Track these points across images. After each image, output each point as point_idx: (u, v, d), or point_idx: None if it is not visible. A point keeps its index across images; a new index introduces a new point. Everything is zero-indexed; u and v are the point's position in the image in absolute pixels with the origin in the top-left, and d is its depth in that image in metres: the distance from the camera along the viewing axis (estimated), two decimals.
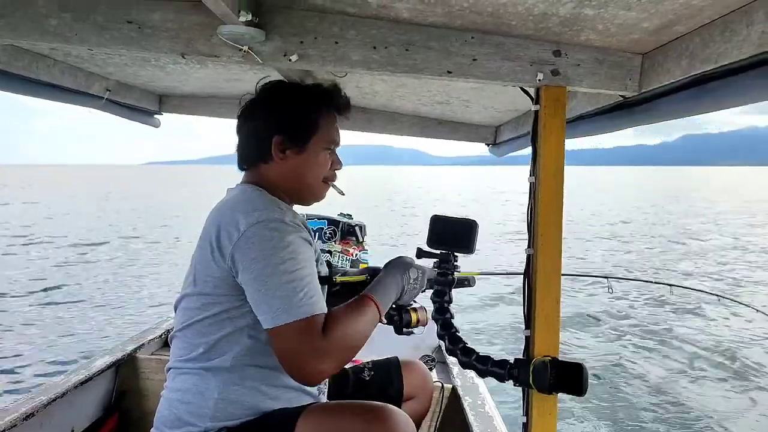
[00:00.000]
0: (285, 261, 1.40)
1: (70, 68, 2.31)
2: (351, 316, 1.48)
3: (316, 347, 1.37)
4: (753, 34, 1.16)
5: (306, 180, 1.65)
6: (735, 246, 18.44)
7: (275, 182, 1.63)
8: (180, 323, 1.58)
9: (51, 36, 1.55)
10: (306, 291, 1.39)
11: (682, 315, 9.43)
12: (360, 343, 1.48)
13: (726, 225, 24.47)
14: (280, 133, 1.61)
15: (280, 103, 1.64)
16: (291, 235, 1.44)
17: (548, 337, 1.57)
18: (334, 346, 1.39)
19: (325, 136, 1.64)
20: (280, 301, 1.37)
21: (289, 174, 1.63)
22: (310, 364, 1.38)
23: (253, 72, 2.26)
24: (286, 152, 1.61)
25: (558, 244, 1.57)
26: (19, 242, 17.67)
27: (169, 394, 1.58)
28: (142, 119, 3.11)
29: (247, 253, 1.41)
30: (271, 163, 1.62)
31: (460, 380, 2.68)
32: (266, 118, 1.64)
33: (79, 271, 12.91)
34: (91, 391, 2.48)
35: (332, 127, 1.67)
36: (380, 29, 1.53)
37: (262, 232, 1.42)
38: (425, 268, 1.73)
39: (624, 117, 1.83)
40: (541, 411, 1.57)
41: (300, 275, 1.40)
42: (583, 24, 1.42)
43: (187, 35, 1.53)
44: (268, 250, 1.40)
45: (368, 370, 1.99)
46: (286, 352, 1.40)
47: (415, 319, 1.71)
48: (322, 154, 1.64)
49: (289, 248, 1.42)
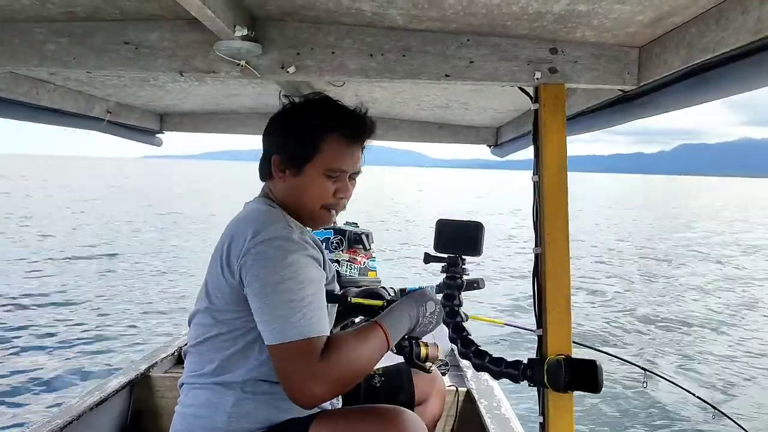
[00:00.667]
0: (285, 280, 1.39)
1: (70, 92, 2.32)
2: (355, 342, 1.44)
3: (313, 369, 1.34)
4: (749, 21, 1.16)
5: (302, 202, 1.60)
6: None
7: (280, 199, 1.62)
8: (193, 338, 1.58)
9: (50, 61, 1.56)
10: (304, 312, 1.37)
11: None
12: (362, 371, 1.45)
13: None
14: (278, 153, 1.59)
15: (283, 123, 1.63)
16: (295, 254, 1.43)
17: (561, 336, 1.56)
18: (331, 371, 1.35)
19: (327, 162, 1.56)
20: (277, 320, 1.36)
21: (287, 194, 1.61)
22: (304, 387, 1.34)
23: (252, 86, 2.27)
24: (286, 172, 1.59)
25: (565, 241, 1.57)
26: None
27: (182, 409, 1.58)
28: (144, 139, 3.12)
29: (251, 269, 1.41)
30: (275, 180, 1.62)
31: (475, 383, 2.66)
32: (271, 135, 1.64)
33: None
34: (107, 412, 2.48)
35: (339, 154, 1.57)
36: (376, 36, 1.54)
37: (266, 250, 1.41)
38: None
39: (624, 111, 1.83)
40: (558, 410, 1.56)
41: (300, 295, 1.38)
42: (578, 20, 1.42)
43: (185, 53, 1.54)
44: (270, 269, 1.40)
45: (378, 376, 1.99)
46: (283, 371, 1.38)
47: (424, 353, 1.68)
48: (320, 179, 1.56)
49: (291, 267, 1.40)
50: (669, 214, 35.71)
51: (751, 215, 40.21)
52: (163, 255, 15.08)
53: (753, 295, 12.78)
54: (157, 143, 3.24)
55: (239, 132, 3.07)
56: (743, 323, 10.17)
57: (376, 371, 2.00)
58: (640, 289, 12.88)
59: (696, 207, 48.01)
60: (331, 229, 3.34)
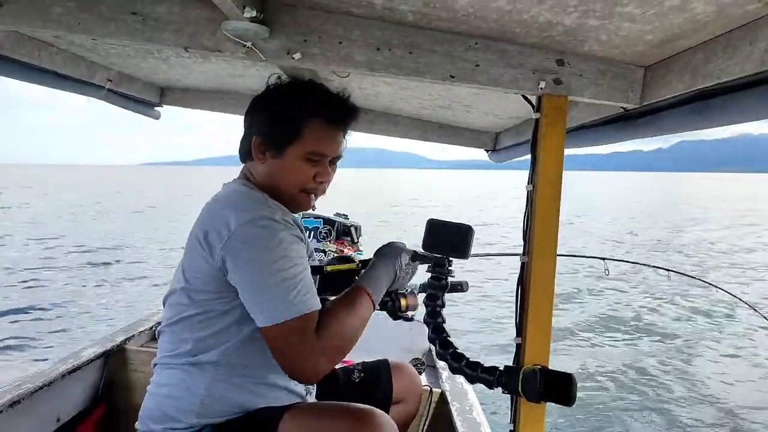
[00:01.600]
0: (277, 260, 1.39)
1: (73, 57, 2.30)
2: (345, 310, 1.47)
3: (312, 345, 1.37)
4: (756, 52, 1.16)
5: (282, 186, 1.60)
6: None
7: (260, 181, 1.62)
8: (168, 318, 1.57)
9: (55, 24, 1.55)
10: (299, 289, 1.39)
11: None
12: (356, 337, 1.48)
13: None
14: (259, 135, 1.59)
15: (265, 104, 1.63)
16: (282, 232, 1.43)
17: (539, 346, 1.57)
18: (329, 343, 1.39)
19: (307, 146, 1.56)
20: (273, 301, 1.37)
21: (268, 176, 1.61)
22: (307, 363, 1.37)
23: (256, 69, 2.26)
24: (266, 154, 1.59)
25: (553, 253, 1.57)
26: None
27: (155, 389, 1.57)
28: (143, 110, 3.10)
29: (239, 252, 1.40)
30: (255, 162, 1.62)
31: (449, 385, 2.67)
32: (252, 116, 1.64)
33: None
34: (79, 381, 2.47)
35: (320, 138, 1.58)
36: (385, 31, 1.53)
37: (252, 231, 1.41)
38: (416, 251, 1.72)
39: (624, 129, 1.83)
40: (529, 419, 1.56)
41: (292, 273, 1.40)
42: (587, 34, 1.42)
43: (192, 29, 1.53)
44: (260, 250, 1.40)
45: (358, 371, 1.99)
46: (281, 351, 1.39)
47: (404, 304, 1.72)
48: (300, 163, 1.57)
49: (281, 246, 1.41)
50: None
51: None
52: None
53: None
54: (155, 116, 3.22)
55: (239, 112, 3.04)
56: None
57: (356, 366, 2.01)
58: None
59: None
60: (321, 219, 3.35)
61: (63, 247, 16.82)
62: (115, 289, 11.78)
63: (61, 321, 9.21)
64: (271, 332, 1.38)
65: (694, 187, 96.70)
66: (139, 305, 9.69)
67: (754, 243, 21.43)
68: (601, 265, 2.73)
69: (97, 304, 10.36)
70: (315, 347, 1.37)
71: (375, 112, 2.96)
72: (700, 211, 33.38)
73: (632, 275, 13.20)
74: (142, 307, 9.22)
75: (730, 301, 9.77)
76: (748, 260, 16.76)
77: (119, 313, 9.30)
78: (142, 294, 11.11)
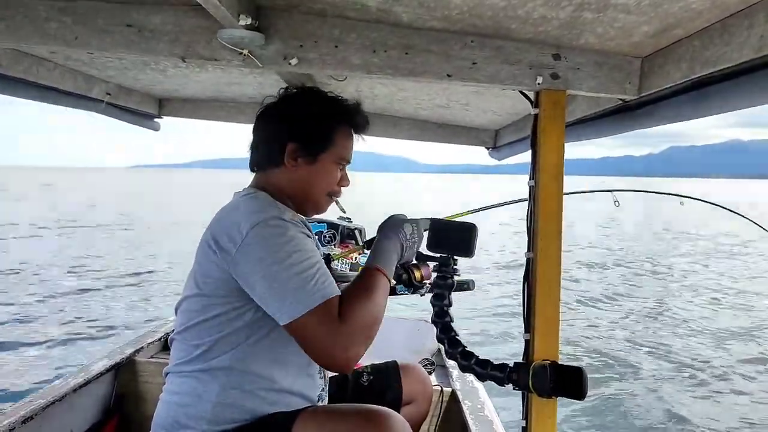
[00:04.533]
0: (291, 254, 1.39)
1: (71, 72, 2.31)
2: (363, 293, 1.47)
3: (338, 330, 1.35)
4: (752, 38, 1.16)
5: (312, 191, 1.64)
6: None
7: (282, 188, 1.62)
8: (180, 325, 1.58)
9: (52, 39, 1.55)
10: (318, 278, 1.39)
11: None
12: (379, 317, 1.47)
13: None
14: (295, 141, 1.60)
15: (300, 111, 1.64)
16: (292, 229, 1.44)
17: (548, 341, 1.57)
18: (355, 326, 1.38)
19: (338, 152, 1.63)
20: (293, 294, 1.36)
21: (296, 182, 1.63)
22: (337, 348, 1.35)
23: (253, 76, 2.26)
24: (298, 160, 1.61)
25: (558, 248, 1.57)
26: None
27: (167, 397, 1.58)
28: (142, 123, 3.11)
29: (253, 254, 1.41)
30: (282, 169, 1.62)
31: (460, 384, 2.67)
32: (284, 123, 1.64)
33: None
34: (90, 395, 2.48)
35: (347, 144, 1.66)
36: (380, 33, 1.53)
37: (263, 232, 1.42)
38: (418, 219, 1.73)
39: (624, 120, 1.83)
40: (541, 415, 1.56)
41: (309, 264, 1.40)
42: (582, 27, 1.42)
43: (187, 39, 1.53)
44: (273, 247, 1.40)
45: (367, 374, 1.98)
46: (310, 342, 1.38)
47: (419, 275, 1.73)
48: (331, 168, 1.64)
49: (294, 241, 1.42)
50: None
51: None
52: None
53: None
54: (154, 127, 3.23)
55: (238, 121, 3.06)
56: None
57: (365, 369, 2.00)
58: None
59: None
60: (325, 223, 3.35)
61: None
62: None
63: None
64: (296, 326, 1.37)
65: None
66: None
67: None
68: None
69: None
70: (342, 332, 1.36)
71: (373, 113, 2.96)
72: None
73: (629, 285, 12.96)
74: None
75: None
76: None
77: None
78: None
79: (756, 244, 18.98)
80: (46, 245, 16.72)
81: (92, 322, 8.75)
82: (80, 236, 19.19)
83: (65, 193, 49.86)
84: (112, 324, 8.66)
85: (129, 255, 15.31)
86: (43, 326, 8.45)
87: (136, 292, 11.01)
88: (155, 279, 12.29)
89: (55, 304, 9.88)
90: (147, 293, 10.90)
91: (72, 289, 11.02)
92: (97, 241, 18.05)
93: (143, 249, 16.50)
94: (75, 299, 10.26)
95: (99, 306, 9.79)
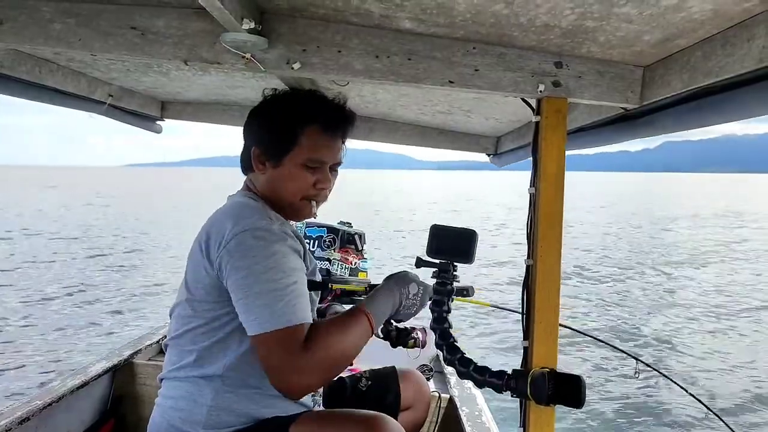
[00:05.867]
0: (268, 270, 1.39)
1: (73, 73, 2.32)
2: (338, 328, 1.44)
3: (298, 358, 1.33)
4: (754, 49, 1.16)
5: (282, 194, 1.61)
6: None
7: (262, 192, 1.63)
8: (173, 331, 1.58)
9: (55, 41, 1.56)
10: (288, 300, 1.37)
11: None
12: (346, 357, 1.44)
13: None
14: (258, 146, 1.61)
15: (261, 115, 1.65)
16: (277, 244, 1.43)
17: (547, 349, 1.56)
18: (316, 359, 1.35)
19: (305, 153, 1.58)
20: (260, 309, 1.36)
21: (268, 186, 1.62)
22: (291, 375, 1.34)
23: (256, 80, 2.27)
24: (265, 164, 1.61)
25: (557, 255, 1.57)
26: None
27: (162, 402, 1.58)
28: (144, 125, 3.11)
29: (232, 260, 1.41)
30: (256, 173, 1.64)
31: (458, 390, 2.66)
32: (250, 128, 1.66)
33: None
34: (88, 396, 2.47)
35: (318, 145, 1.59)
36: (383, 39, 1.54)
37: (247, 240, 1.41)
38: (427, 285, 1.70)
39: (625, 129, 1.83)
40: (539, 423, 1.56)
41: (283, 284, 1.38)
42: (584, 36, 1.42)
43: (190, 42, 1.54)
44: (252, 258, 1.40)
45: (365, 379, 1.98)
46: (266, 361, 1.37)
47: (411, 343, 1.71)
48: (298, 170, 1.58)
49: (274, 257, 1.41)
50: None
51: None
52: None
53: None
54: (156, 130, 3.23)
55: (240, 124, 3.05)
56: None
57: (363, 374, 2.00)
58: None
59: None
60: (325, 228, 3.35)
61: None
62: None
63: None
64: (258, 341, 1.37)
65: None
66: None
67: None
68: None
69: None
70: (300, 360, 1.33)
71: (375, 119, 2.97)
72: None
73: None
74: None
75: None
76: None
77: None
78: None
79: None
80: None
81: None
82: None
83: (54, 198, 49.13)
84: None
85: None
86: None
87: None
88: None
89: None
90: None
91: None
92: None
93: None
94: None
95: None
